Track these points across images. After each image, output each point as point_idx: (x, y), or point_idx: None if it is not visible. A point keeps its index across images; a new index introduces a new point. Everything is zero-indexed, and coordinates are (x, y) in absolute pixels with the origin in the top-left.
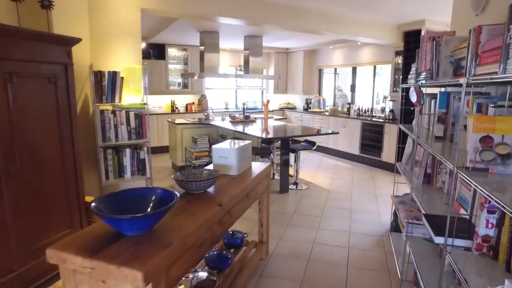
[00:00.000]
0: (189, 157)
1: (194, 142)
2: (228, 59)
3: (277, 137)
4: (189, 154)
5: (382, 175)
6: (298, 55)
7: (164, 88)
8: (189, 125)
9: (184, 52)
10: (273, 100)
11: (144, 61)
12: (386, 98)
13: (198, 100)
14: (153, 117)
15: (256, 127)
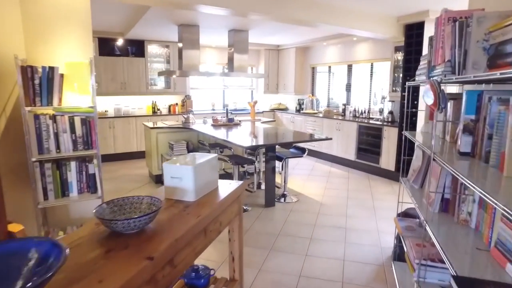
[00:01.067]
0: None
1: (171, 149)
2: (214, 56)
3: (261, 145)
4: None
5: (380, 183)
6: (289, 52)
7: (144, 88)
8: (165, 129)
9: (165, 49)
10: (264, 101)
11: (122, 58)
12: (385, 98)
13: (182, 101)
14: (132, 119)
15: (240, 131)
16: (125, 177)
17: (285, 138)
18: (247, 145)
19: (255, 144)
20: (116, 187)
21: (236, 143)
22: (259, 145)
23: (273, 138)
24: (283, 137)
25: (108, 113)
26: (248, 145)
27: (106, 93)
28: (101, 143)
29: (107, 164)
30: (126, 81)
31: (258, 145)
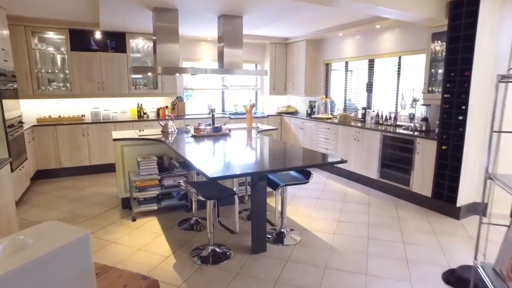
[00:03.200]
0: (134, 185)
1: (138, 167)
2: (210, 52)
3: (237, 174)
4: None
5: (412, 214)
6: (299, 46)
7: (126, 89)
8: (131, 142)
9: (151, 43)
10: (270, 103)
11: (99, 54)
12: (417, 101)
13: (172, 104)
14: (110, 125)
15: (223, 146)
16: (93, 197)
17: (284, 159)
18: (214, 175)
19: (229, 174)
20: (73, 213)
21: (200, 169)
22: (235, 174)
23: (265, 159)
24: (281, 158)
25: (85, 118)
26: (216, 174)
27: (80, 94)
28: (73, 153)
29: (79, 179)
30: (105, 81)
31: (233, 174)
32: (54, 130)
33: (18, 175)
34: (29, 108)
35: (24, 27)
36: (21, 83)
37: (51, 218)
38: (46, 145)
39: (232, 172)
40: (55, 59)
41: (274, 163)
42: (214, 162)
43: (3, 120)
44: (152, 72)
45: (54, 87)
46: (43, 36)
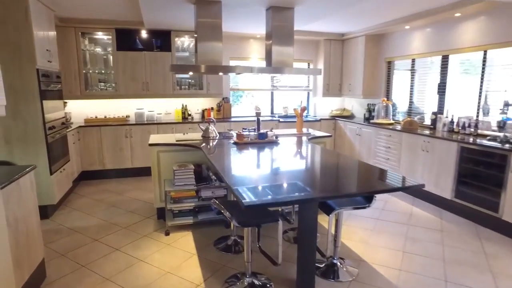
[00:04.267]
0: (169, 196)
1: (173, 175)
2: (258, 50)
3: (285, 201)
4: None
5: (506, 250)
6: (357, 43)
7: (171, 90)
8: (167, 147)
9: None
10: (323, 105)
11: (144, 54)
12: (510, 105)
13: (218, 105)
14: (153, 127)
15: (267, 157)
16: (130, 203)
17: (341, 179)
18: (250, 200)
19: (270, 200)
20: (108, 220)
21: (234, 190)
22: (278, 202)
23: (317, 178)
24: (337, 177)
25: (130, 119)
26: (253, 199)
27: (125, 95)
28: (116, 155)
29: (121, 182)
30: (149, 81)
31: (275, 201)
32: (98, 131)
33: (58, 177)
34: (78, 109)
35: (74, 29)
36: (69, 84)
37: (85, 225)
38: (91, 146)
39: (275, 197)
40: (102, 59)
41: (329, 185)
42: (254, 180)
43: (43, 122)
44: (193, 70)
45: (101, 87)
46: (91, 36)
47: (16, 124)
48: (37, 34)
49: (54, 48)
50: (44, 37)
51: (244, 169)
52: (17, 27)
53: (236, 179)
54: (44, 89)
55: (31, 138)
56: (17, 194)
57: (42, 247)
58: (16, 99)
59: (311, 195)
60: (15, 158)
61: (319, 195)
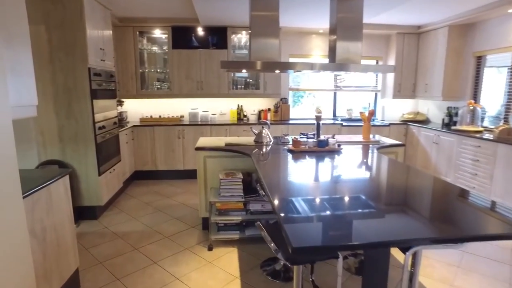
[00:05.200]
0: (214, 207)
1: (219, 185)
2: (321, 46)
3: (349, 244)
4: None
5: None
6: (437, 35)
7: (226, 89)
8: (215, 153)
9: None
10: (393, 108)
11: (199, 51)
12: None
13: (275, 106)
14: (206, 128)
15: (327, 172)
16: (177, 209)
17: (424, 209)
18: (301, 241)
19: (327, 243)
20: (152, 227)
21: (281, 221)
22: (339, 245)
23: (393, 209)
24: (419, 207)
25: (184, 119)
26: (305, 239)
27: (179, 94)
28: (168, 156)
29: (171, 184)
30: (203, 80)
31: (335, 244)
32: (152, 131)
33: (108, 178)
34: (134, 108)
35: (132, 28)
36: (126, 83)
37: (129, 230)
38: (144, 146)
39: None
40: (158, 58)
41: (414, 220)
42: (309, 205)
43: (93, 122)
44: (247, 67)
45: (157, 86)
46: (148, 35)
47: (68, 123)
48: (90, 33)
49: (109, 47)
50: (98, 35)
51: (298, 187)
52: (72, 26)
53: (286, 202)
54: (95, 88)
55: (81, 137)
56: (46, 202)
57: (76, 256)
58: (69, 97)
59: (384, 237)
60: (67, 157)
61: (396, 239)
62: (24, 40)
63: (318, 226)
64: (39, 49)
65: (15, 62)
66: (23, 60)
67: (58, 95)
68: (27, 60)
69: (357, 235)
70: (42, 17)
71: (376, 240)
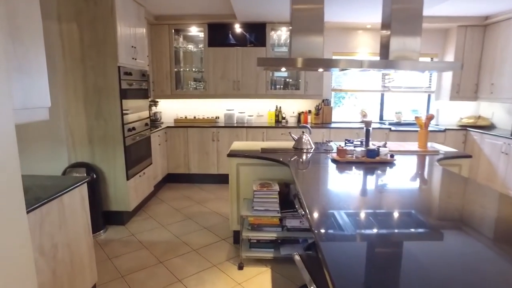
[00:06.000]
0: (246, 221)
1: (253, 196)
2: (367, 44)
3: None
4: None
5: None
6: (509, 27)
7: (264, 89)
8: (249, 160)
9: None
10: (449, 112)
11: (236, 49)
12: None
13: (316, 108)
14: (241, 131)
15: (380, 190)
16: (208, 217)
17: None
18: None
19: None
20: (180, 237)
21: (325, 258)
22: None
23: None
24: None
25: (219, 120)
26: (352, 276)
27: (214, 95)
28: (202, 159)
29: (204, 188)
30: (240, 79)
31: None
32: (185, 132)
33: (137, 182)
34: (169, 109)
35: (168, 26)
36: (161, 83)
37: (156, 239)
38: (177, 148)
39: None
40: (193, 57)
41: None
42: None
43: (122, 123)
44: (286, 65)
45: (192, 86)
46: (183, 33)
47: (98, 123)
48: (121, 30)
49: (142, 45)
50: (130, 33)
51: (344, 209)
52: (103, 23)
53: (328, 226)
54: (125, 88)
55: (110, 139)
56: (59, 215)
57: (94, 272)
58: (99, 97)
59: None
60: (96, 160)
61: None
62: (35, 34)
63: (371, 265)
64: (71, 47)
65: (24, 59)
66: (34, 57)
67: (88, 95)
68: (38, 57)
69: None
70: (74, 15)
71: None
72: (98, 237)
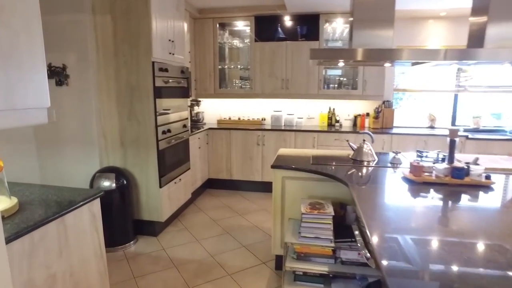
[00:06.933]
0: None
1: (300, 220)
2: (441, 35)
3: None
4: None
5: None
6: None
7: (316, 88)
8: (298, 174)
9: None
10: None
11: (285, 44)
12: None
13: (376, 111)
14: (290, 135)
15: (479, 231)
16: (248, 233)
17: None
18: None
19: None
20: (214, 255)
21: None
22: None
23: None
24: None
25: (265, 122)
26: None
27: (260, 94)
28: (245, 164)
29: (247, 197)
30: (289, 77)
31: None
32: (228, 134)
33: (171, 189)
34: (212, 109)
35: (212, 20)
36: (204, 81)
37: (187, 258)
38: (219, 151)
39: None
40: (238, 53)
41: None
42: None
43: (155, 125)
44: (345, 57)
45: (237, 85)
46: (229, 28)
47: (130, 124)
48: (157, 21)
49: (181, 39)
50: (167, 25)
51: (421, 243)
52: (137, 14)
53: (402, 269)
54: (160, 86)
55: (143, 142)
56: (58, 239)
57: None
58: (132, 96)
59: None
60: (128, 164)
61: None
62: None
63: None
64: (104, 42)
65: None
66: (25, 45)
67: (121, 93)
68: (32, 46)
69: None
70: (108, 5)
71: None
72: (127, 248)
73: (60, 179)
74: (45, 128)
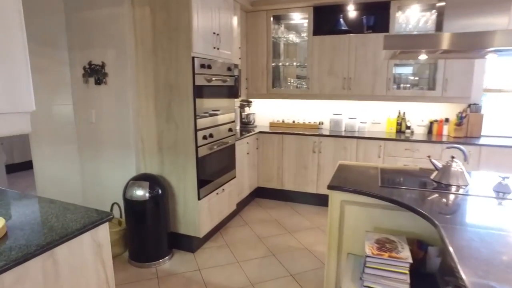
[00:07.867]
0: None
1: (364, 264)
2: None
3: None
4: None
5: None
6: None
7: (384, 89)
8: (361, 197)
9: (431, 14)
10: None
11: (348, 37)
12: None
13: (459, 116)
14: (351, 142)
15: None
16: (296, 257)
17: None
18: None
19: None
20: (252, 284)
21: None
22: None
23: None
24: None
25: (323, 127)
26: None
27: (318, 95)
28: (298, 174)
29: (299, 210)
30: (352, 76)
31: None
32: (281, 139)
33: (212, 201)
34: (265, 110)
35: (265, 12)
36: (255, 80)
37: (223, 283)
38: (270, 158)
39: None
40: (294, 49)
41: None
42: None
43: (194, 129)
44: (428, 46)
45: (292, 84)
46: (284, 21)
47: (168, 127)
48: (198, 11)
49: (228, 33)
50: (210, 15)
51: None
52: (177, 4)
53: None
54: (202, 84)
55: (181, 147)
56: (43, 279)
57: None
58: (170, 96)
59: None
60: (164, 171)
61: None
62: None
63: None
64: (143, 37)
65: None
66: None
67: (159, 93)
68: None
69: None
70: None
71: None
72: (161, 265)
73: (98, 182)
74: (86, 129)
